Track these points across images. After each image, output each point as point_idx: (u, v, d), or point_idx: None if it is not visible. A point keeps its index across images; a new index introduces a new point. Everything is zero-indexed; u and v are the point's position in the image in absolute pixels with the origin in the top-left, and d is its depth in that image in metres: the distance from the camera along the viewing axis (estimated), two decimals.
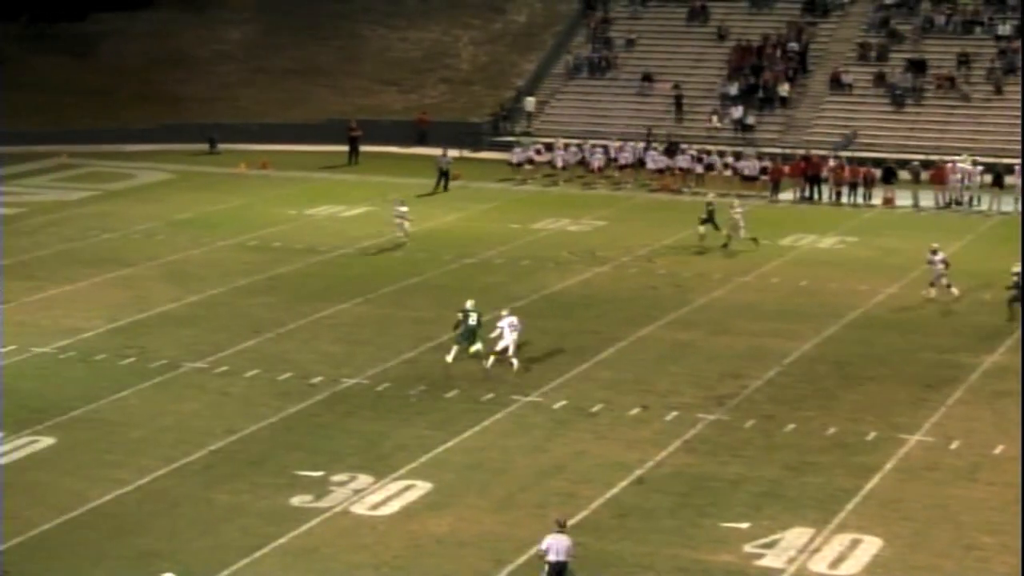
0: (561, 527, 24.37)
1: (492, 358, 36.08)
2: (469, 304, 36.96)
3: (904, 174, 59.80)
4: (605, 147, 64.60)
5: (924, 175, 59.88)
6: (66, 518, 27.54)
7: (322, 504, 27.97)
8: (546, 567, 24.03)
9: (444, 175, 61.77)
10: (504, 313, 36.97)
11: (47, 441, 31.58)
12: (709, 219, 50.54)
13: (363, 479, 29.13)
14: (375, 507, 27.91)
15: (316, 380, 35.59)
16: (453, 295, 43.59)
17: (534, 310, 41.89)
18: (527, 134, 70.64)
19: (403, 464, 29.99)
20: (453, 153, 64.53)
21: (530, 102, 75.27)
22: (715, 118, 70.05)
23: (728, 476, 29.45)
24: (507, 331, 36.08)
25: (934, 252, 43.50)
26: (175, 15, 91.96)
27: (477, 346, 36.50)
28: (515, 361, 36.10)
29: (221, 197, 60.10)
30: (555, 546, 24.04)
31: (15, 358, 37.62)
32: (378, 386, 35.17)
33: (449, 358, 36.33)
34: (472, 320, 36.59)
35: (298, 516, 27.42)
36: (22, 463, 30.38)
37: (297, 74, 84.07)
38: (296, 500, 28.14)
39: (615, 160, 63.70)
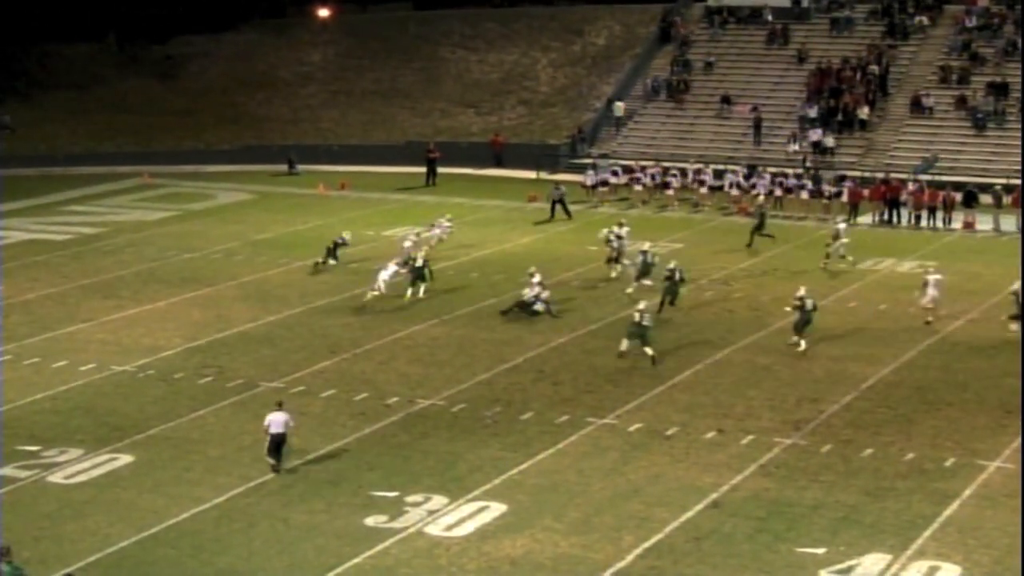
0: (279, 405, 30.98)
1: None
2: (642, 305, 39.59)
3: (986, 198, 59.34)
4: (683, 170, 64.47)
5: (1006, 199, 59.37)
6: (145, 535, 27.79)
7: (397, 524, 28.05)
8: (268, 439, 30.51)
9: (560, 204, 61.25)
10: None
11: (126, 459, 31.88)
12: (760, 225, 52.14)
13: (438, 500, 29.20)
14: (450, 528, 27.95)
15: (392, 401, 35.72)
16: (528, 317, 43.73)
17: (610, 333, 41.87)
18: (605, 156, 70.59)
19: (478, 485, 30.04)
20: (530, 175, 64.43)
21: (619, 107, 75.38)
22: (794, 144, 69.72)
23: (805, 501, 29.28)
24: None
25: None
26: (259, 37, 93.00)
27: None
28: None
29: (300, 218, 60.48)
30: (275, 421, 30.54)
31: (95, 376, 38.03)
32: (453, 407, 35.25)
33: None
34: (647, 321, 39.20)
35: (373, 536, 27.51)
36: (102, 480, 30.69)
37: (378, 96, 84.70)
38: (371, 520, 28.23)
39: (695, 183, 63.45)
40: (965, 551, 26.68)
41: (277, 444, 30.76)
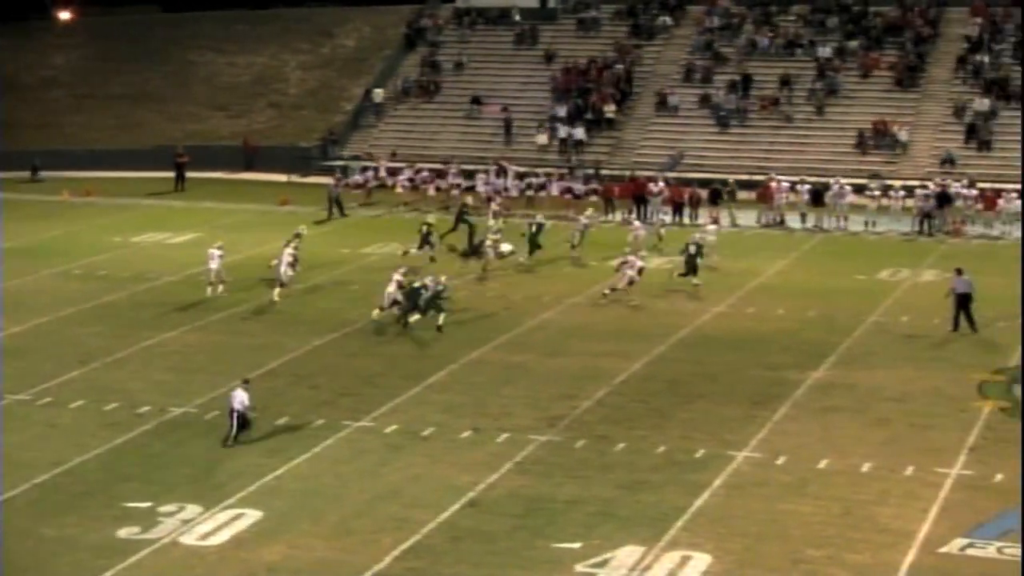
0: (245, 382, 32.94)
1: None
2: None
3: (743, 194, 60.86)
4: (441, 171, 64.72)
5: (746, 195, 60.96)
6: None
7: (150, 535, 27.55)
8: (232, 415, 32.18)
9: (336, 202, 61.13)
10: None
11: None
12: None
13: (192, 509, 28.76)
14: (205, 537, 27.57)
15: (144, 409, 35.10)
16: (285, 321, 43.51)
17: (366, 334, 41.92)
18: (357, 158, 70.51)
19: (234, 493, 29.68)
20: (281, 178, 64.06)
21: (378, 93, 75.48)
22: (543, 136, 70.69)
23: (561, 497, 29.59)
24: None
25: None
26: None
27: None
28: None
29: (45, 225, 59.10)
30: (237, 397, 32.30)
31: None
32: (207, 414, 34.79)
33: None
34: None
35: (127, 548, 26.98)
36: None
37: (126, 100, 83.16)
38: (124, 532, 27.70)
39: (453, 185, 63.75)
40: (716, 540, 27.26)
41: (241, 422, 32.42)
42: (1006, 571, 26.03)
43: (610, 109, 72.55)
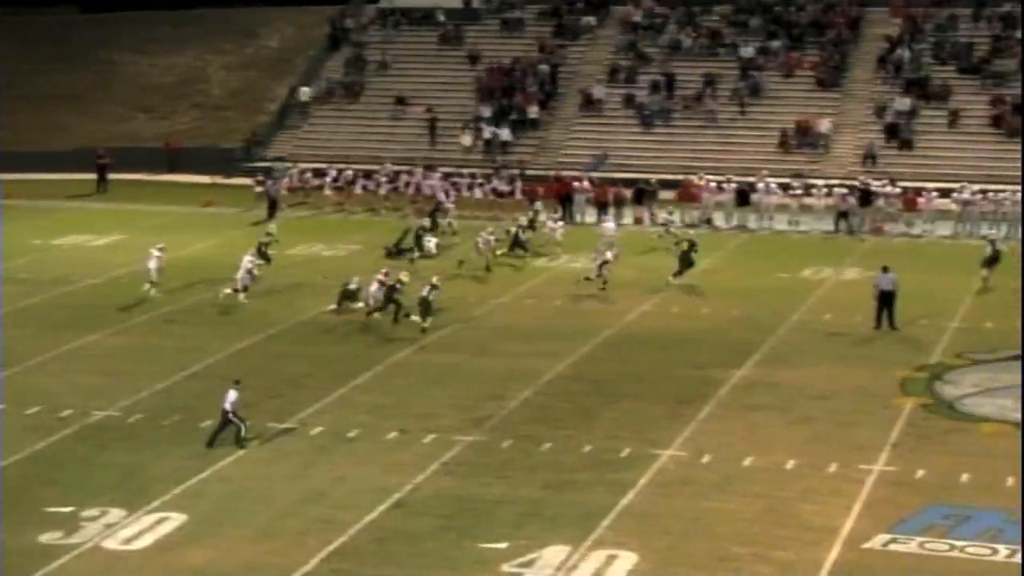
0: (236, 382, 32.59)
1: None
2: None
3: (666, 194, 61.12)
4: (368, 172, 64.60)
5: (670, 194, 61.22)
6: None
7: (73, 540, 27.29)
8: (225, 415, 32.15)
9: (273, 201, 61.03)
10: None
11: None
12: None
13: (115, 513, 28.51)
14: (128, 541, 27.33)
15: (66, 413, 34.79)
16: (209, 323, 43.27)
17: (291, 336, 41.77)
18: (281, 159, 70.20)
19: (157, 496, 29.45)
20: (204, 179, 63.61)
21: (305, 92, 75.22)
22: (467, 137, 70.71)
23: (488, 497, 29.59)
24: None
25: None
26: None
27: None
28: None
29: None
30: (228, 397, 32.01)
31: None
32: (130, 417, 34.52)
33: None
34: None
35: (49, 553, 26.72)
36: None
37: (47, 101, 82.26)
38: (45, 537, 27.42)
39: (376, 184, 63.65)
40: (641, 538, 27.33)
41: (224, 423, 32.28)
42: (928, 566, 26.28)
43: (534, 110, 72.62)
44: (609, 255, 47.44)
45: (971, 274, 48.58)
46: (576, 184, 61.76)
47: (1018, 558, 26.35)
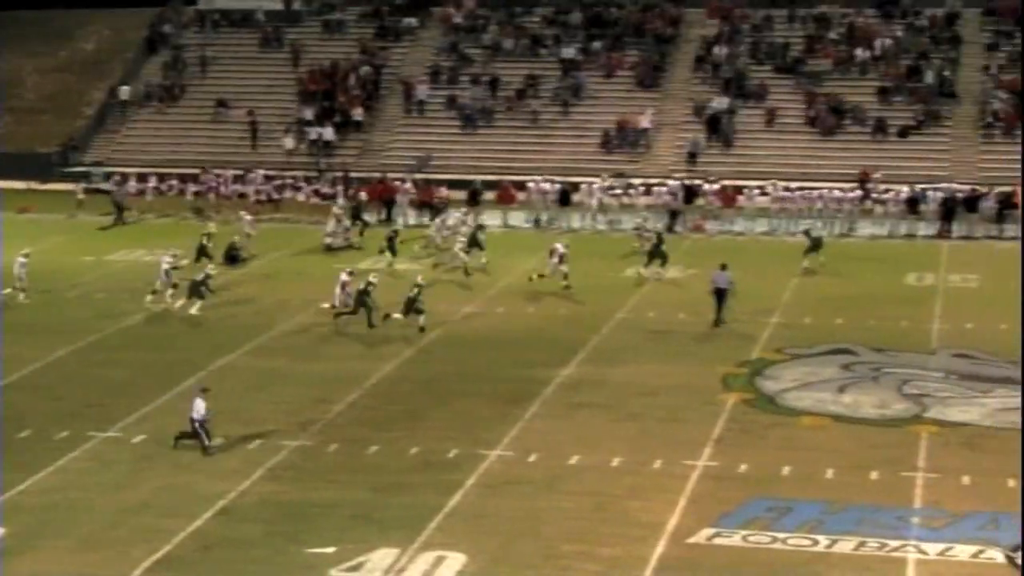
0: (204, 390, 32.58)
1: None
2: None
3: (488, 195, 61.29)
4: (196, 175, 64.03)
5: (491, 195, 61.43)
6: None
7: None
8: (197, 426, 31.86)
9: (119, 206, 60.24)
10: None
11: None
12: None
13: None
14: None
15: None
16: (25, 331, 42.39)
17: (112, 343, 41.12)
18: (99, 164, 69.13)
19: None
20: (20, 185, 62.39)
21: (125, 90, 74.12)
22: (290, 139, 70.27)
23: (315, 501, 29.37)
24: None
25: None
26: None
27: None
28: None
29: None
30: (194, 406, 31.89)
31: None
32: None
33: None
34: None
35: None
36: None
37: None
38: None
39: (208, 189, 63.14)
40: (470, 539, 27.34)
41: (194, 430, 32.01)
42: (752, 558, 26.64)
43: (358, 112, 72.38)
44: (459, 248, 47.75)
45: (790, 271, 49.41)
46: (399, 185, 61.69)
47: (837, 548, 26.87)
